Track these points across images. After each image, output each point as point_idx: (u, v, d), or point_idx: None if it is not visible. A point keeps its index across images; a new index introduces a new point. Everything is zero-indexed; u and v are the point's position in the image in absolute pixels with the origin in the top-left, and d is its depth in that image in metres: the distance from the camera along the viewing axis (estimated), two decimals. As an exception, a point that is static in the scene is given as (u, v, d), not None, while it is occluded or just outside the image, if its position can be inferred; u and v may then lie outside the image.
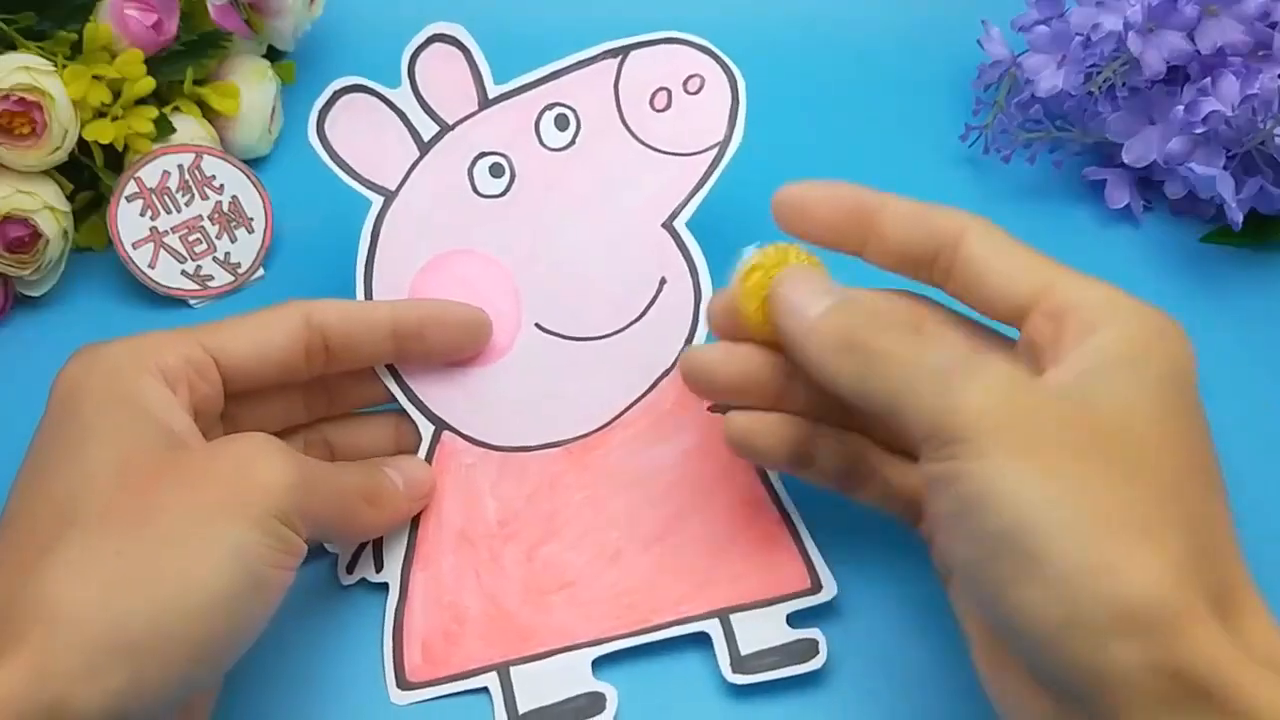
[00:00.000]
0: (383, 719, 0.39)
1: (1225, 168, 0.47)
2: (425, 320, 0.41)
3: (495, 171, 0.43)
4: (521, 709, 0.38)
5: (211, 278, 0.48)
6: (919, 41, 0.57)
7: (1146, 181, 0.51)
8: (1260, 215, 0.48)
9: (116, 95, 0.47)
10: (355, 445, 0.42)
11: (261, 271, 0.49)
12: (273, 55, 0.54)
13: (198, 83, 0.50)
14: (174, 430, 0.35)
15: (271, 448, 0.35)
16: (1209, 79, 0.47)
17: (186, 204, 0.48)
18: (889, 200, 0.37)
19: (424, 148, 0.43)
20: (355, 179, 0.43)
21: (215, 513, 0.33)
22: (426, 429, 0.42)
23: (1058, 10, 0.50)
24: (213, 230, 0.49)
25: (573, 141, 0.43)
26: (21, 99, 0.44)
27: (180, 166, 0.48)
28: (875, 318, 0.33)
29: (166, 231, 0.48)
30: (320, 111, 0.43)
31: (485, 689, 0.39)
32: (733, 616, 0.39)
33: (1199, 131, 0.47)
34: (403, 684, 0.39)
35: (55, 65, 0.46)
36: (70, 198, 0.48)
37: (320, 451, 0.42)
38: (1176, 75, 0.48)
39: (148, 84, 0.47)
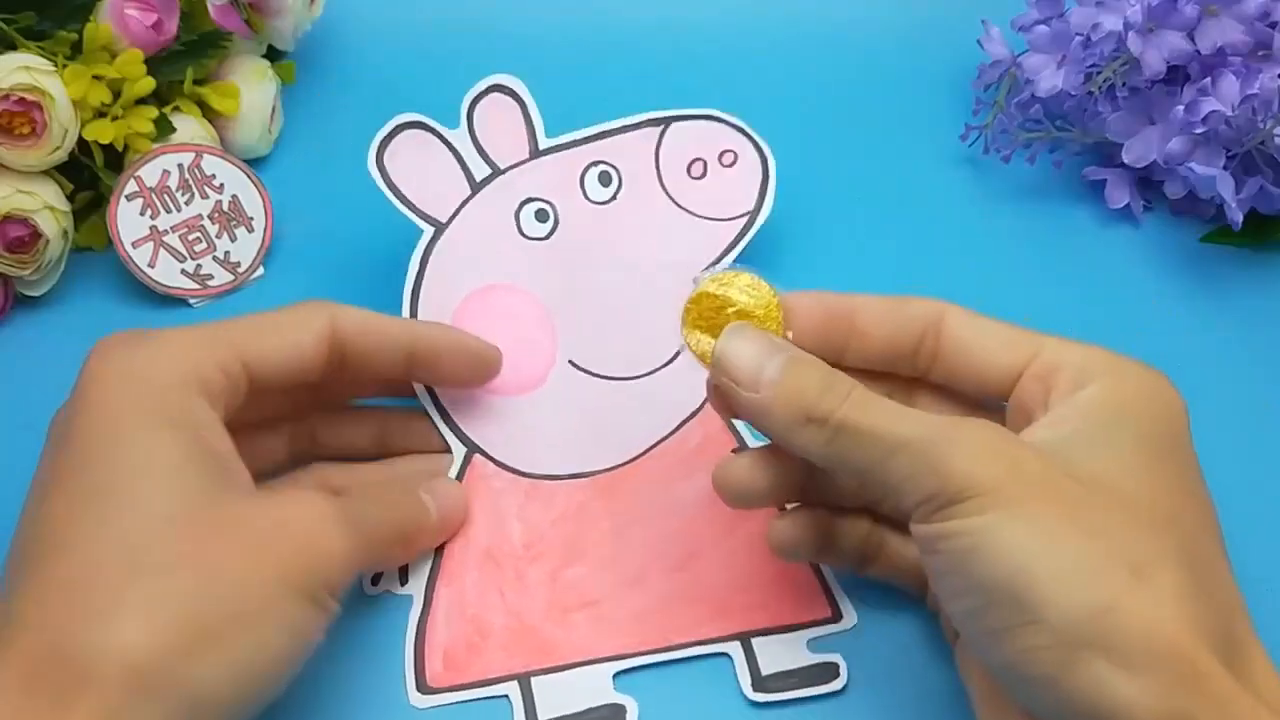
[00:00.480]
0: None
1: (1225, 168, 0.47)
2: (442, 349, 0.41)
3: (540, 216, 0.45)
4: (542, 717, 0.38)
5: (211, 277, 0.48)
6: (919, 41, 0.57)
7: (1146, 181, 0.51)
8: (1260, 215, 0.48)
9: (116, 95, 0.47)
10: (341, 441, 0.42)
11: (261, 271, 0.49)
12: (273, 55, 0.54)
13: (198, 82, 0.50)
14: (224, 461, 0.34)
15: (330, 519, 0.35)
16: (1209, 79, 0.47)
17: (186, 203, 0.48)
18: (860, 300, 0.37)
19: (475, 187, 0.46)
20: (408, 208, 0.45)
21: (277, 587, 0.33)
22: (459, 450, 0.43)
23: (1058, 10, 0.50)
24: (213, 229, 0.49)
25: (614, 197, 0.46)
26: (22, 99, 0.44)
27: (180, 166, 0.48)
28: (830, 387, 0.33)
29: (166, 231, 0.48)
30: (381, 143, 0.45)
31: (505, 696, 0.39)
32: (754, 640, 0.40)
33: (1199, 131, 0.47)
34: (423, 688, 0.39)
35: (55, 65, 0.46)
36: (70, 197, 0.48)
37: (304, 444, 0.42)
38: (1176, 75, 0.48)
39: (148, 84, 0.47)
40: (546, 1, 0.58)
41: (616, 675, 0.39)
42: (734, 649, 0.39)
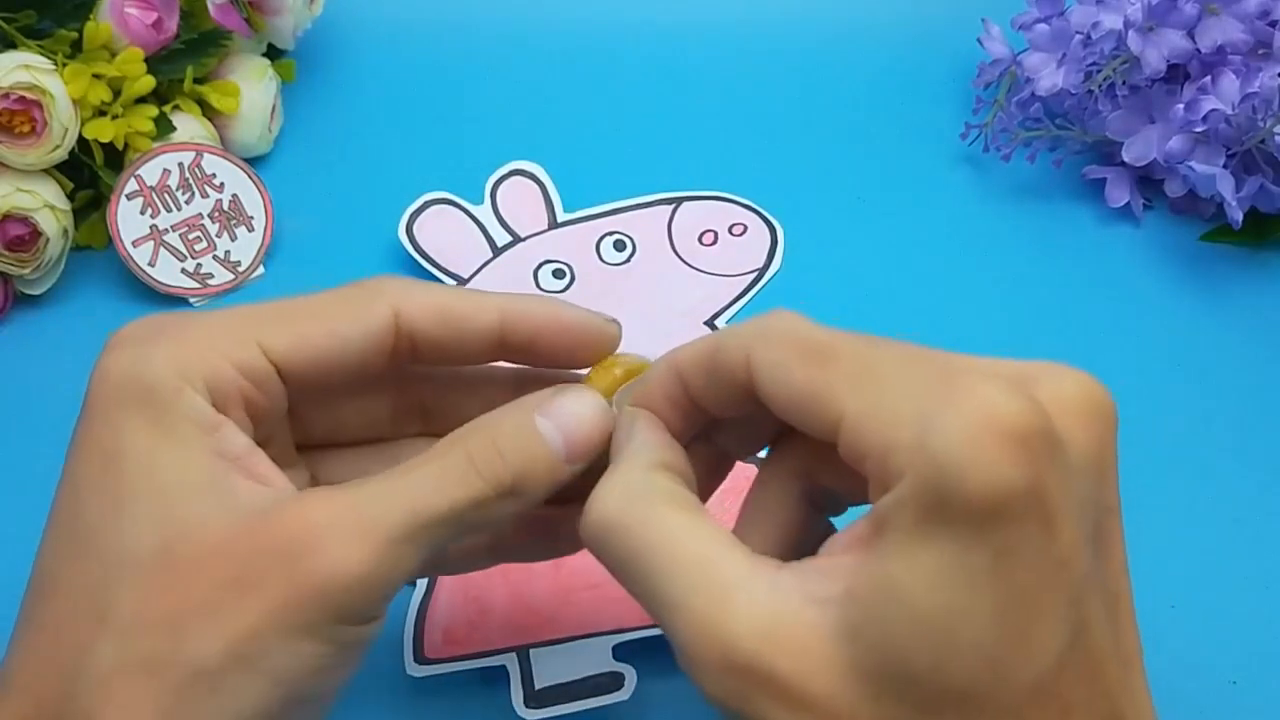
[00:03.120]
0: (399, 690, 0.39)
1: (1225, 166, 0.47)
2: (541, 327, 0.32)
3: (558, 275, 0.48)
4: (539, 685, 0.38)
5: (211, 276, 0.48)
6: (919, 40, 0.57)
7: (1146, 180, 0.51)
8: (1260, 214, 0.48)
9: (116, 94, 0.47)
10: (458, 413, 0.34)
11: (261, 270, 0.49)
12: (273, 54, 0.54)
13: (198, 81, 0.50)
14: (223, 475, 0.29)
15: (342, 524, 0.28)
16: (1209, 77, 0.47)
17: (187, 202, 0.48)
18: (677, 367, 0.30)
19: (496, 251, 0.49)
20: (434, 266, 0.48)
21: (256, 633, 0.27)
22: None
23: (1058, 9, 0.50)
24: (213, 228, 0.49)
25: (628, 260, 0.49)
26: (22, 97, 0.44)
27: (180, 165, 0.48)
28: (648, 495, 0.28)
29: (166, 230, 0.48)
30: (411, 215, 0.49)
31: (503, 666, 0.39)
32: None
33: (1199, 130, 0.47)
34: (420, 659, 0.39)
35: (55, 64, 0.46)
36: (70, 196, 0.48)
37: (413, 419, 0.35)
38: (1176, 74, 0.48)
39: (148, 82, 0.47)
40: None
41: (616, 649, 0.39)
42: None
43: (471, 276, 0.48)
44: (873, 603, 0.24)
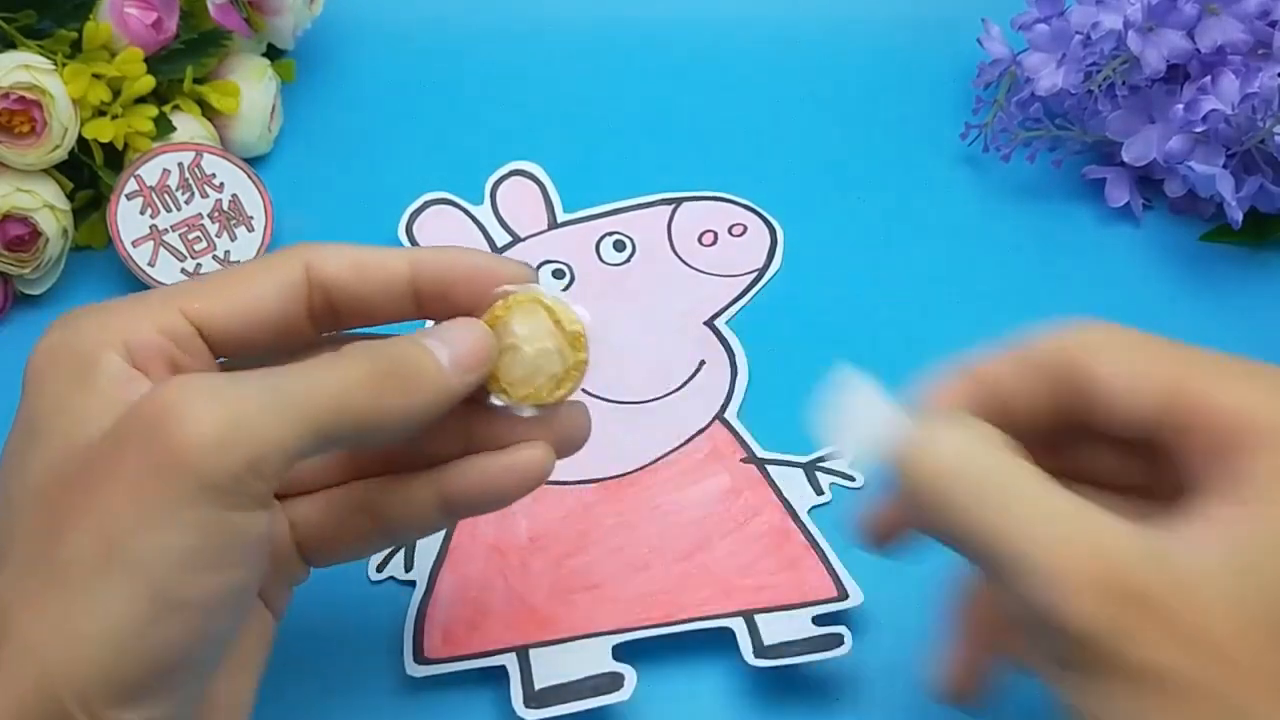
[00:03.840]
0: (399, 690, 0.39)
1: (1225, 166, 0.47)
2: (449, 271, 0.32)
3: (557, 275, 0.48)
4: (538, 685, 0.38)
5: (211, 276, 0.48)
6: (919, 40, 0.57)
7: (1146, 180, 0.51)
8: (1260, 214, 0.48)
9: (116, 94, 0.47)
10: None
11: (261, 270, 0.49)
12: (273, 54, 0.54)
13: (198, 81, 0.50)
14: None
15: (198, 391, 0.26)
16: (1209, 77, 0.47)
17: (186, 202, 0.48)
18: (990, 370, 0.30)
19: (496, 251, 0.48)
20: None
21: (117, 520, 0.26)
22: None
23: (1058, 9, 0.50)
24: (213, 228, 0.49)
25: (628, 260, 0.49)
26: (21, 97, 0.44)
27: (180, 165, 0.48)
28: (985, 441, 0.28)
29: (166, 230, 0.48)
30: (411, 215, 0.49)
31: (503, 666, 0.39)
32: (758, 616, 0.39)
33: (1199, 130, 0.47)
34: (420, 660, 0.39)
35: (55, 64, 0.45)
36: (70, 196, 0.48)
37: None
38: (1176, 74, 0.48)
39: (147, 82, 0.47)
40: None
41: (617, 649, 0.39)
42: (737, 624, 0.39)
43: None
44: (1269, 551, 0.24)
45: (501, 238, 0.49)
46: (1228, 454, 0.26)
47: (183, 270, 0.48)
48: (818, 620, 0.39)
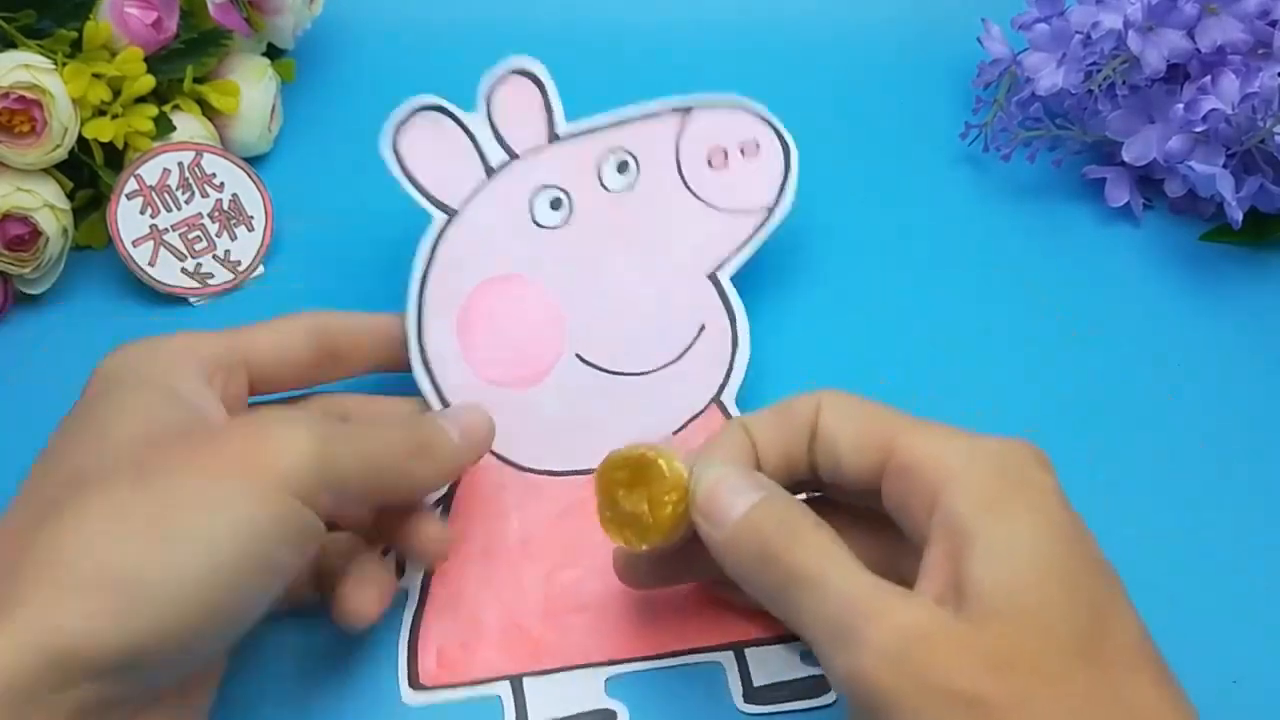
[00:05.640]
0: (394, 718, 0.39)
1: (1225, 166, 0.47)
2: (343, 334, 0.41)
3: (555, 205, 0.45)
4: (532, 719, 0.38)
5: (211, 275, 0.48)
6: (919, 40, 0.57)
7: (1146, 180, 0.51)
8: (1260, 214, 0.48)
9: (116, 93, 0.47)
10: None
11: (261, 269, 0.49)
12: (273, 53, 0.54)
13: (198, 81, 0.50)
14: (205, 414, 0.35)
15: (288, 419, 0.34)
16: (1209, 77, 0.47)
17: (186, 202, 0.48)
18: (745, 424, 0.35)
19: (490, 173, 0.45)
20: (421, 194, 0.44)
21: (223, 486, 0.31)
22: None
23: (1058, 9, 0.50)
24: (213, 228, 0.49)
25: (631, 186, 0.45)
26: (21, 97, 0.44)
27: (180, 164, 0.48)
28: (785, 523, 0.32)
29: (166, 229, 0.48)
30: (397, 125, 0.44)
31: (497, 696, 0.39)
32: (747, 650, 0.39)
33: (1199, 130, 0.47)
34: (415, 685, 0.39)
35: (55, 63, 0.45)
36: (70, 196, 0.48)
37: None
38: (1176, 73, 0.48)
39: (148, 82, 0.47)
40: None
41: (609, 682, 0.39)
42: (727, 659, 0.39)
43: (462, 207, 0.44)
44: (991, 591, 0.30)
45: (496, 155, 0.45)
46: (931, 494, 0.31)
47: (183, 270, 0.48)
48: (805, 657, 0.39)
